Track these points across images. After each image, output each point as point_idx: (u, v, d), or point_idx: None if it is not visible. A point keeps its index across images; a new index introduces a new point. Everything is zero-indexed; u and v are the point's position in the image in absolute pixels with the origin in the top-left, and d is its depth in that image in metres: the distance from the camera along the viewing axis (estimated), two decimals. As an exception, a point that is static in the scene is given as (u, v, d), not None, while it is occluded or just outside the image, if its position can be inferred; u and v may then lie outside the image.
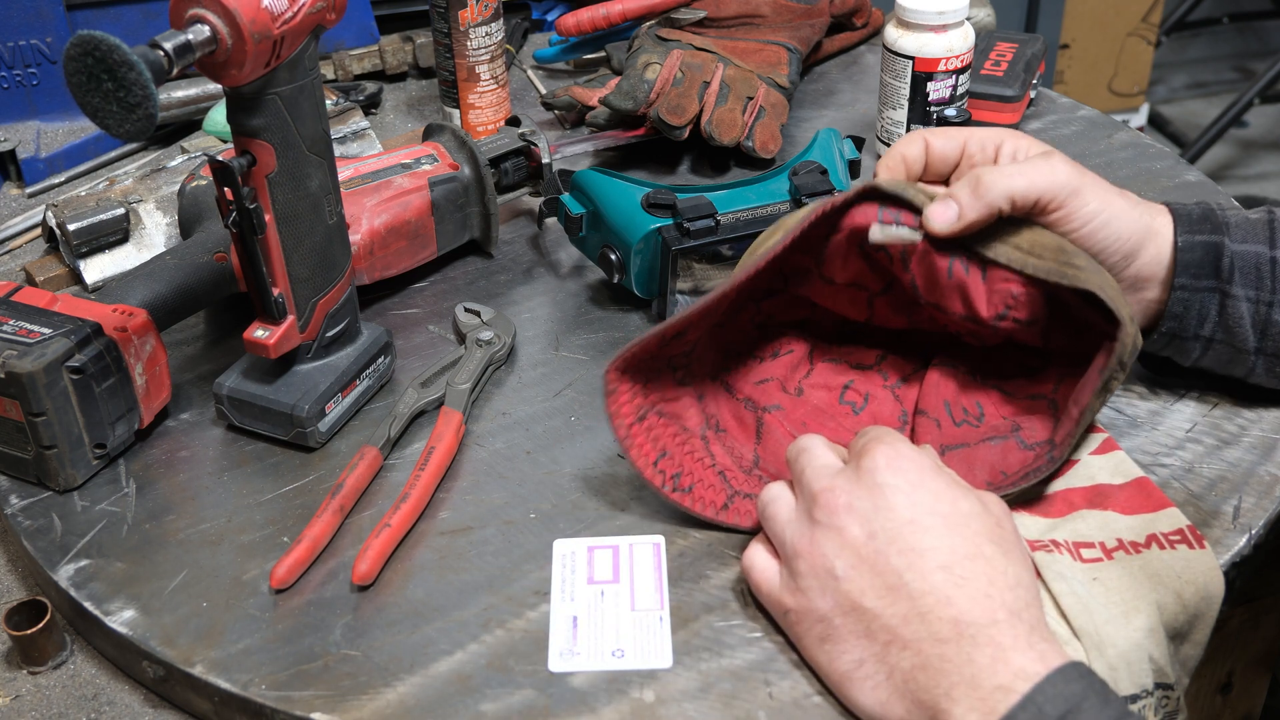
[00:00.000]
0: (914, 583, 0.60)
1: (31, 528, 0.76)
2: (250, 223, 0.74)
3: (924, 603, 0.60)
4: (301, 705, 0.65)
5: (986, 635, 0.58)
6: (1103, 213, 0.74)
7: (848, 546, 0.62)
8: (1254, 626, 0.90)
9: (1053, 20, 2.63)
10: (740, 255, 0.89)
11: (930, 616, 0.59)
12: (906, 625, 0.60)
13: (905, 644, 0.60)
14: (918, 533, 0.61)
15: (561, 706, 0.64)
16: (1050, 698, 0.56)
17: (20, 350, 0.74)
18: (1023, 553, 0.64)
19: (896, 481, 0.63)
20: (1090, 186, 0.74)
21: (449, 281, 0.98)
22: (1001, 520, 0.64)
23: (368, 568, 0.70)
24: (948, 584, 0.60)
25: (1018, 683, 0.56)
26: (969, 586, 0.60)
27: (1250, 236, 0.75)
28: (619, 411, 0.73)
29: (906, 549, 0.61)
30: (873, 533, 0.62)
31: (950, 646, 0.59)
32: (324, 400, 0.80)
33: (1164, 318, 0.77)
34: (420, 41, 1.27)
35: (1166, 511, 0.72)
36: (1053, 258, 0.71)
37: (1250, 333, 0.76)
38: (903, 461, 0.64)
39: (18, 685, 0.70)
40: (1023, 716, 0.55)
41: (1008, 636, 0.58)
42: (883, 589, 0.61)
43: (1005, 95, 1.12)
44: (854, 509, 0.63)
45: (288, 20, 0.69)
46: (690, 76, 1.07)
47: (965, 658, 0.58)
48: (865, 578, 0.62)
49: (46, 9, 1.11)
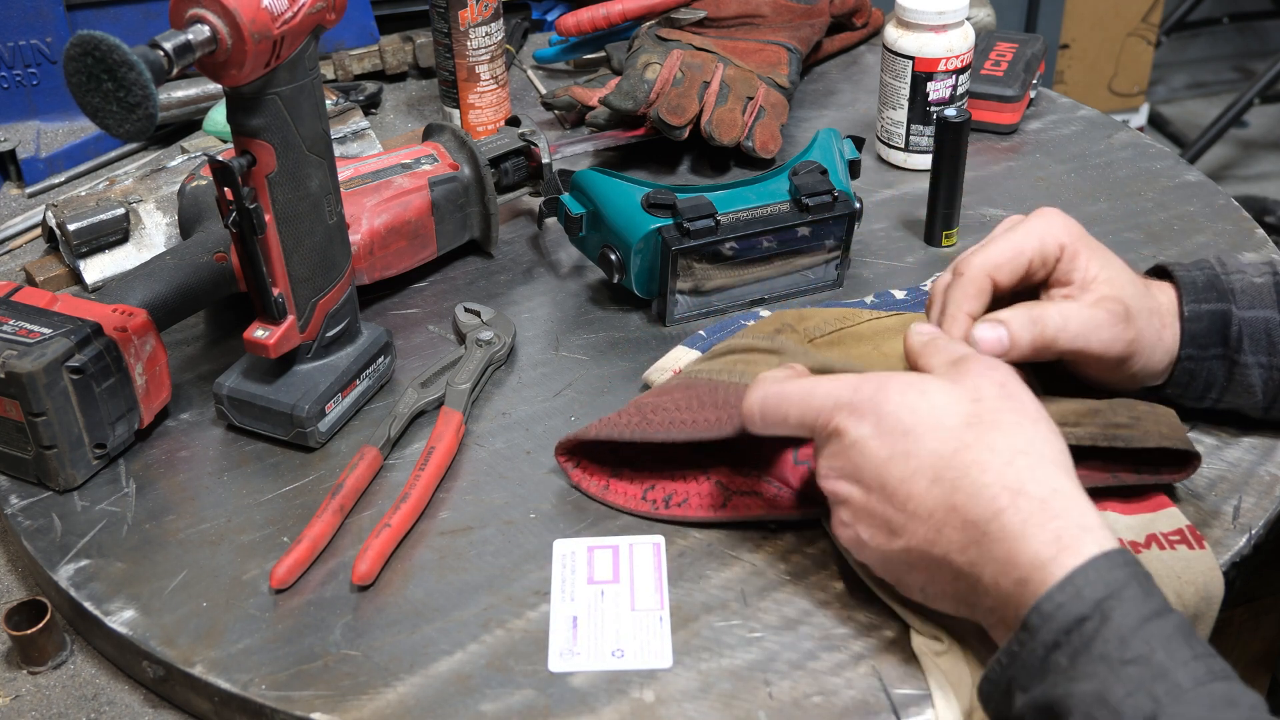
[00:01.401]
0: (918, 510, 0.61)
1: (31, 528, 0.76)
2: (250, 223, 0.74)
3: (935, 519, 0.60)
4: (301, 705, 0.65)
5: (996, 528, 0.58)
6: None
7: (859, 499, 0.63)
8: (1254, 626, 0.90)
9: (1053, 20, 2.63)
10: (740, 255, 0.89)
11: (945, 529, 0.60)
12: (932, 545, 0.60)
13: (938, 562, 0.60)
14: (897, 464, 0.61)
15: (561, 706, 0.64)
16: (1090, 581, 0.55)
17: (20, 350, 0.74)
18: (1018, 415, 0.62)
19: (862, 430, 0.62)
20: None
21: (449, 281, 0.97)
22: (980, 395, 0.62)
23: (368, 568, 0.70)
24: (944, 494, 0.60)
25: (1034, 574, 0.56)
26: (963, 485, 0.60)
27: (1257, 302, 0.74)
28: (586, 480, 0.76)
29: (897, 489, 0.61)
30: (867, 488, 0.63)
31: (971, 551, 0.59)
32: (324, 400, 0.80)
33: (1169, 384, 0.76)
34: (420, 41, 1.27)
35: (1166, 511, 0.72)
36: (1091, 422, 0.71)
37: (1261, 397, 0.76)
38: (858, 407, 0.63)
39: (18, 685, 0.70)
40: (1060, 597, 0.55)
41: (1016, 523, 0.58)
42: (895, 530, 0.62)
43: (1005, 95, 1.12)
44: (843, 475, 0.64)
45: (288, 20, 0.69)
46: (690, 76, 1.07)
47: (985, 558, 0.58)
48: (880, 534, 0.62)
49: (46, 9, 1.11)
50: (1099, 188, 1.06)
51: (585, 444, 0.76)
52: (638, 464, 0.76)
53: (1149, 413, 0.72)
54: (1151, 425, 0.71)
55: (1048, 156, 1.11)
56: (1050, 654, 0.55)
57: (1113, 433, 0.70)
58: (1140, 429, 0.71)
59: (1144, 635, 0.54)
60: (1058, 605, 0.55)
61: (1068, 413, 0.71)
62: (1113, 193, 1.05)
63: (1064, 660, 0.54)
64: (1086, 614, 0.54)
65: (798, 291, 0.93)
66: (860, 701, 0.64)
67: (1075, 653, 0.54)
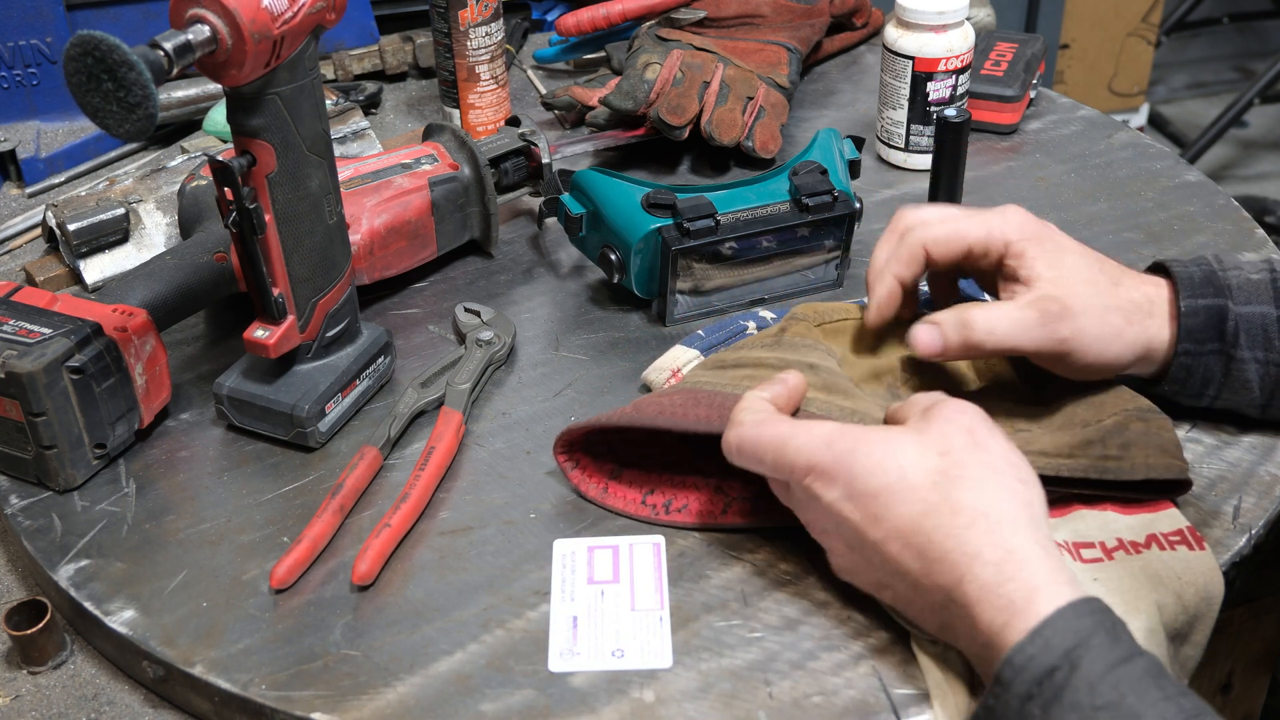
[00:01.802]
0: (896, 569, 0.63)
1: (31, 528, 0.76)
2: (250, 223, 0.74)
3: (910, 580, 0.62)
4: (301, 705, 0.65)
5: (960, 594, 0.60)
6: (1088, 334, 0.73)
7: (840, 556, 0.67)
8: (1254, 626, 0.90)
9: (1053, 20, 2.63)
10: (740, 255, 0.89)
11: (921, 589, 0.62)
12: (911, 606, 0.64)
13: (921, 610, 0.63)
14: (870, 528, 0.63)
15: (561, 706, 0.64)
16: (1059, 631, 0.56)
17: (20, 350, 0.74)
18: (983, 468, 0.62)
19: (832, 495, 0.64)
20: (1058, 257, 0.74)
21: (449, 281, 0.97)
22: (949, 446, 0.63)
23: (368, 568, 0.70)
24: (915, 556, 0.62)
25: (993, 638, 0.58)
26: (930, 552, 0.61)
27: (1254, 298, 0.75)
28: (585, 482, 0.76)
29: (874, 551, 0.63)
30: (848, 544, 0.65)
31: (945, 613, 0.62)
32: (324, 400, 0.80)
33: (1166, 380, 0.76)
34: (420, 41, 1.27)
35: (1166, 512, 0.72)
36: (1084, 453, 0.71)
37: (1259, 393, 0.76)
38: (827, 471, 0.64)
39: (18, 685, 0.70)
40: (1030, 649, 0.56)
41: (974, 590, 0.59)
42: (881, 584, 0.65)
43: (1005, 95, 1.12)
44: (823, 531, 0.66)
45: (288, 20, 0.69)
46: (690, 76, 1.07)
47: (955, 620, 0.61)
48: (869, 584, 0.66)
49: (46, 9, 1.11)
50: (1099, 188, 1.06)
51: (586, 444, 0.76)
52: (639, 467, 0.76)
53: (1141, 437, 0.72)
54: (1140, 456, 0.71)
55: (1048, 156, 1.11)
56: (1024, 705, 0.56)
57: (1103, 465, 0.71)
58: (1129, 460, 0.71)
59: (1112, 681, 0.55)
60: (1029, 657, 0.56)
61: (1061, 445, 0.72)
62: (1113, 193, 1.05)
63: (1037, 711, 0.55)
64: (1056, 664, 0.56)
65: (798, 291, 0.93)
66: (860, 701, 0.64)
67: (1048, 703, 0.55)
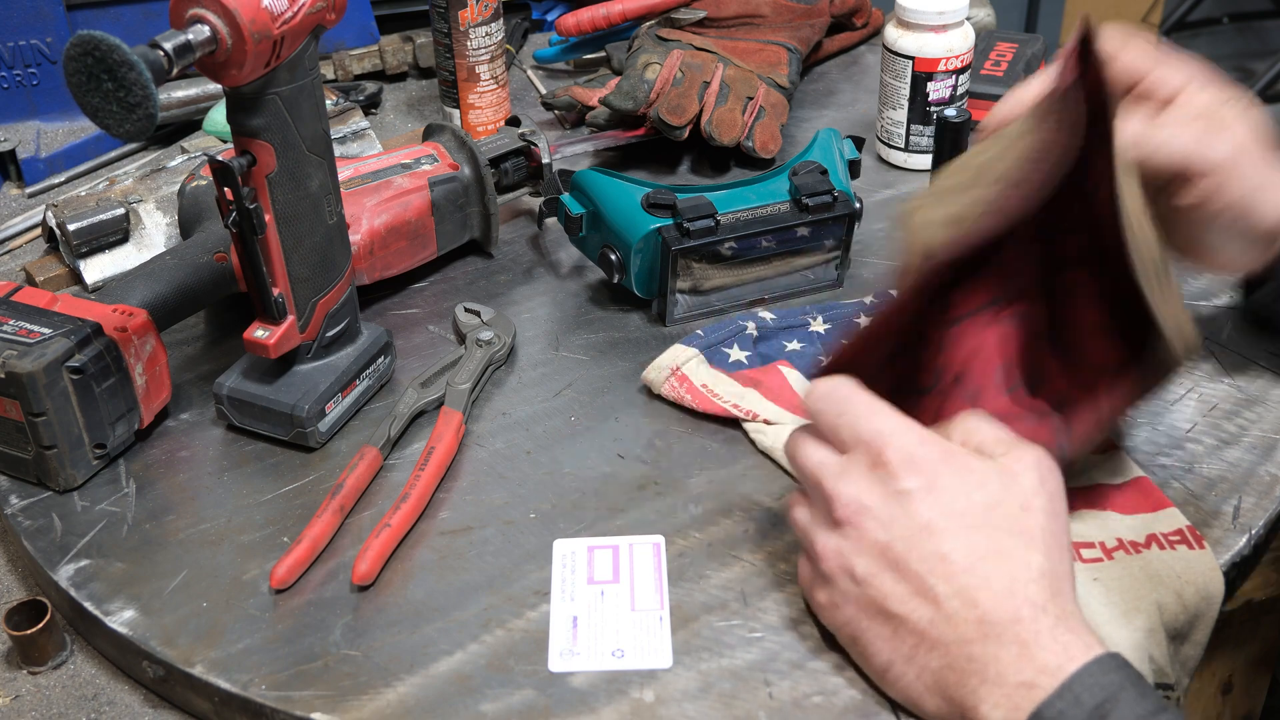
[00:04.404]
0: (937, 587, 0.60)
1: (31, 528, 0.76)
2: (250, 223, 0.74)
3: (948, 606, 0.60)
4: (301, 705, 0.65)
5: (1012, 633, 0.58)
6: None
7: (867, 550, 0.62)
8: (1254, 626, 0.90)
9: (1053, 20, 2.63)
10: (740, 255, 0.89)
11: (956, 619, 0.59)
12: (933, 628, 0.60)
13: (933, 645, 0.60)
14: (935, 537, 0.61)
15: (561, 706, 0.64)
16: (1088, 687, 0.56)
17: (20, 350, 0.74)
18: (1050, 534, 0.61)
19: (911, 484, 0.61)
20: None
21: (449, 281, 0.97)
22: (1028, 501, 0.61)
23: (368, 568, 0.70)
24: (970, 586, 0.59)
25: (1041, 678, 0.57)
26: (992, 586, 0.59)
27: None
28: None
29: (927, 554, 0.60)
30: (892, 538, 0.61)
31: (976, 646, 0.59)
32: (324, 400, 0.80)
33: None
34: (420, 41, 1.27)
35: (1166, 511, 0.72)
36: (1153, 269, 0.67)
37: None
38: (918, 461, 0.62)
39: (18, 685, 0.70)
40: (1059, 704, 0.56)
41: (1031, 632, 0.58)
42: (906, 594, 0.61)
43: (1005, 95, 1.12)
44: (871, 511, 0.62)
45: (288, 20, 0.69)
46: (690, 76, 1.07)
47: (991, 656, 0.58)
48: (888, 583, 0.61)
49: (46, 9, 1.11)
50: (1099, 188, 1.06)
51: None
52: None
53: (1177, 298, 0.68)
54: (1173, 311, 0.67)
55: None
56: None
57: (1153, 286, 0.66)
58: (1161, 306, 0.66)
59: None
60: (1058, 712, 0.55)
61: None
62: (1113, 193, 1.05)
63: None
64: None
65: (798, 291, 0.93)
66: (860, 701, 0.64)
67: None
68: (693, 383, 0.82)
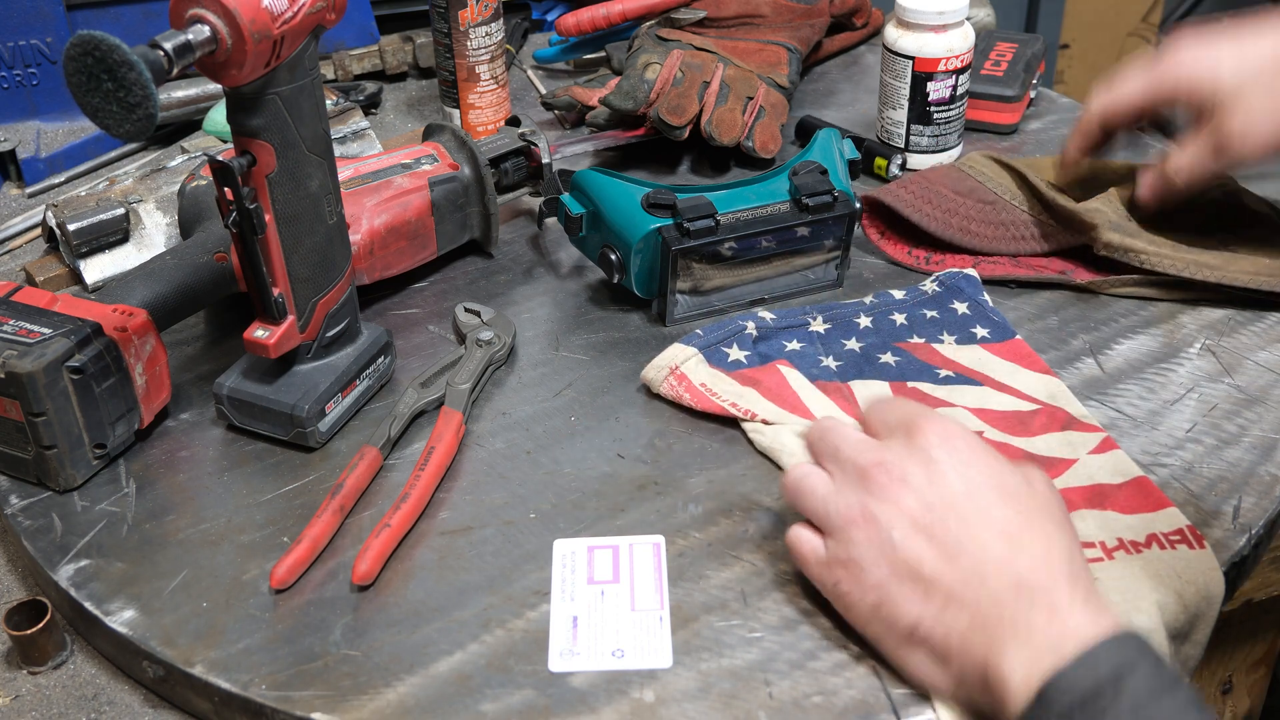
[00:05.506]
0: (973, 549, 0.61)
1: (31, 528, 0.76)
2: (250, 223, 0.74)
3: (984, 568, 0.61)
4: (301, 705, 0.65)
5: (1045, 597, 0.59)
6: None
7: (904, 515, 0.63)
8: (1254, 627, 0.90)
9: (1053, 20, 2.62)
10: (740, 255, 0.89)
11: (990, 579, 0.61)
12: (966, 587, 0.61)
13: (963, 604, 0.61)
14: (974, 503, 0.63)
15: (561, 706, 0.64)
16: (1105, 658, 0.56)
17: (20, 350, 0.74)
18: (1071, 527, 0.64)
19: (949, 458, 0.64)
20: None
21: (449, 281, 0.98)
22: (1049, 497, 0.65)
23: (368, 568, 0.70)
24: (1008, 550, 0.61)
25: (1067, 643, 0.57)
26: (1028, 553, 0.61)
27: None
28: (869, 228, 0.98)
29: (964, 518, 0.62)
30: (929, 504, 0.63)
31: (1008, 607, 0.60)
32: (324, 400, 0.80)
33: None
34: (420, 41, 1.27)
35: (1166, 511, 0.72)
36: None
37: None
38: (954, 439, 0.65)
39: (18, 685, 0.70)
40: (1077, 671, 0.56)
41: (1065, 599, 0.59)
42: (941, 556, 0.62)
43: (1005, 95, 1.12)
44: (908, 481, 0.64)
45: (288, 20, 0.69)
46: (690, 76, 1.07)
47: (1022, 616, 0.59)
48: (923, 546, 0.62)
49: (46, 9, 1.11)
50: (1099, 188, 1.06)
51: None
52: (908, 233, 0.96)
53: None
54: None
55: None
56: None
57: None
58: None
59: (1156, 707, 0.55)
60: (1073, 679, 0.56)
61: (1261, 266, 0.89)
62: (1113, 193, 1.05)
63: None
64: (1101, 687, 0.55)
65: (798, 291, 0.93)
66: (860, 701, 0.64)
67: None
68: (691, 382, 0.82)
